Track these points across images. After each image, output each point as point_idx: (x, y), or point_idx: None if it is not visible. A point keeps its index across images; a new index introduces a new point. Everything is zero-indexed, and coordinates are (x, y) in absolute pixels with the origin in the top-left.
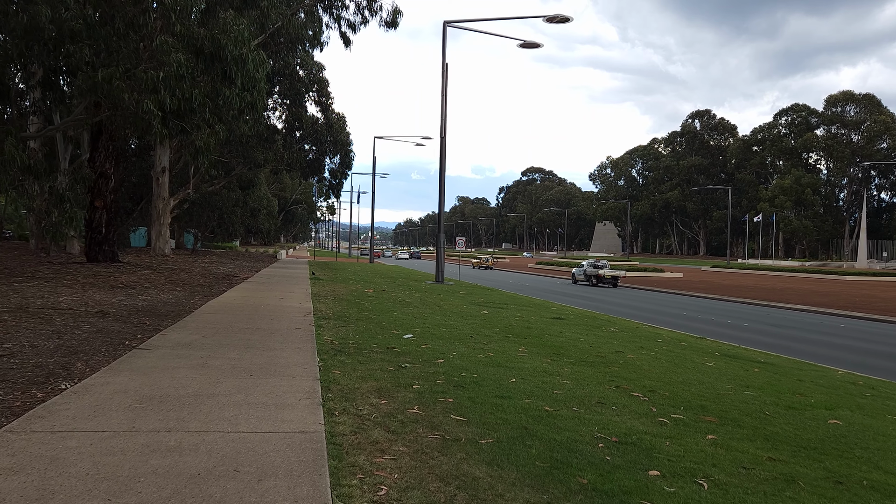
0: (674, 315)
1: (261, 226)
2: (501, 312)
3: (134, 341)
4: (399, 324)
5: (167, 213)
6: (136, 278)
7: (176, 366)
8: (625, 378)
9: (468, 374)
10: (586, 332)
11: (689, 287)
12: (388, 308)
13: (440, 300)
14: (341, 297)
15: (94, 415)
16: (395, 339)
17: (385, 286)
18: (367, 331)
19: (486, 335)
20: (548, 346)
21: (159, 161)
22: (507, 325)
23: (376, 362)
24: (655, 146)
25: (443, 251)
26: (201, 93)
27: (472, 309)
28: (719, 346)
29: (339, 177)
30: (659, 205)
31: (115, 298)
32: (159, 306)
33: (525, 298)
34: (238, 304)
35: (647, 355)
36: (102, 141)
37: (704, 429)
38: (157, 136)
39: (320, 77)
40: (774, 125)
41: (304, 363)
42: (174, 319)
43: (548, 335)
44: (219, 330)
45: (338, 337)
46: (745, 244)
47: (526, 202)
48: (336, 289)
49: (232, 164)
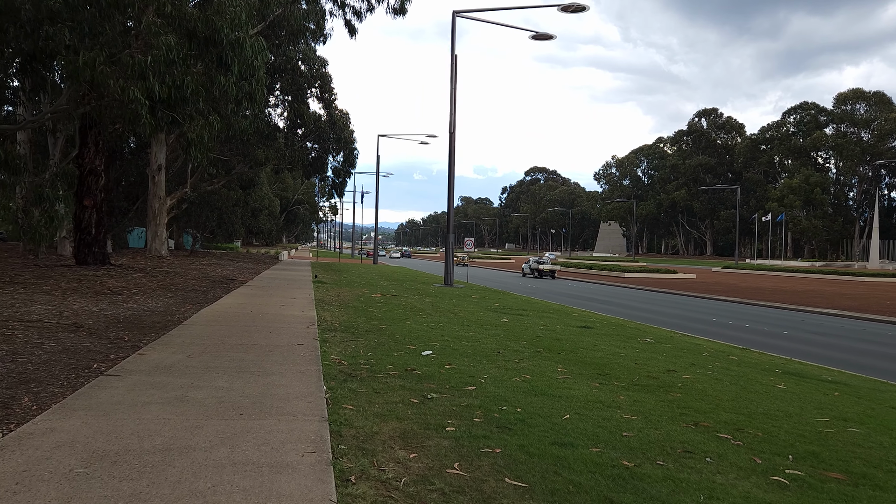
0: (703, 321)
1: (262, 226)
2: (522, 320)
3: (104, 364)
4: (414, 336)
5: (163, 213)
6: (126, 283)
7: (148, 401)
8: (696, 410)
9: (509, 406)
10: (622, 343)
11: (706, 289)
12: (400, 316)
13: (453, 306)
14: (347, 303)
15: (14, 492)
16: (413, 357)
17: (393, 290)
18: (380, 346)
19: (515, 350)
20: (587, 363)
21: (155, 158)
22: (533, 336)
23: (395, 390)
24: (661, 145)
25: (452, 252)
26: (194, 80)
27: (489, 316)
28: (771, 360)
29: (342, 175)
30: (665, 204)
31: (97, 307)
32: (145, 316)
33: (542, 303)
34: (234, 313)
35: (704, 376)
36: (92, 135)
37: (840, 495)
38: (145, 128)
39: (323, 73)
40: (783, 123)
41: (308, 394)
42: (159, 333)
43: (582, 349)
44: (208, 347)
45: (347, 355)
46: (755, 244)
47: (529, 202)
48: (341, 293)
49: (232, 162)
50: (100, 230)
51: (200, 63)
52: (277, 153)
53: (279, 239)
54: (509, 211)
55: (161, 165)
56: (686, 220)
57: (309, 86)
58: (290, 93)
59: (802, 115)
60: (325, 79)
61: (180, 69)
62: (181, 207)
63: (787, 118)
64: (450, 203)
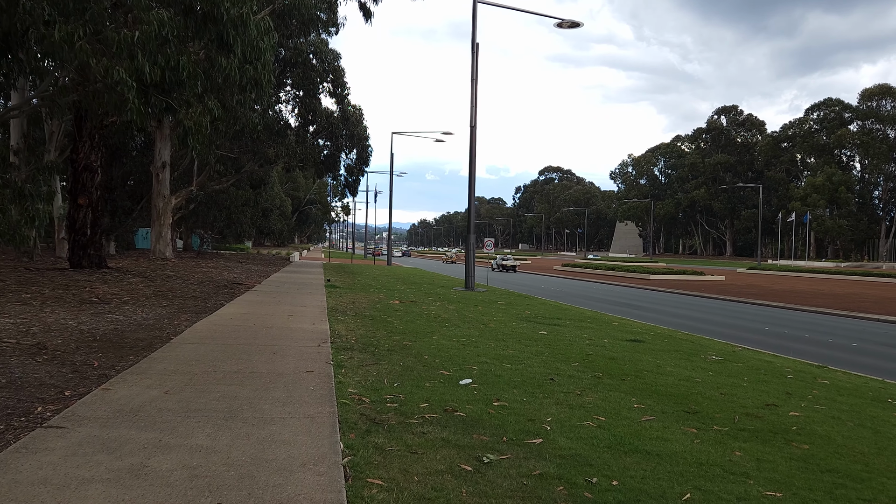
0: (754, 330)
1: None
2: (562, 332)
3: (53, 406)
4: (446, 356)
5: (168, 213)
6: (119, 289)
7: (88, 477)
8: (846, 475)
9: (599, 476)
10: (686, 363)
11: (741, 293)
12: (424, 328)
13: (480, 314)
14: (363, 311)
15: None
16: (450, 389)
17: (411, 295)
18: (407, 372)
19: (569, 375)
20: (663, 394)
21: (159, 155)
22: (582, 353)
23: (437, 448)
24: (678, 144)
25: (473, 253)
26: (190, 62)
27: (524, 328)
28: (867, 384)
29: (355, 173)
30: (684, 204)
31: (75, 320)
32: (128, 332)
33: (574, 310)
34: (234, 327)
35: (815, 412)
36: (87, 128)
37: None
38: (133, 114)
39: (336, 66)
40: (805, 121)
41: (319, 458)
42: (138, 356)
43: (646, 372)
44: (194, 377)
45: (368, 386)
46: (778, 244)
47: (543, 202)
48: (356, 300)
49: (242, 161)
50: (95, 231)
51: (198, 42)
52: (288, 150)
53: (291, 239)
54: (523, 211)
55: (165, 162)
56: (705, 219)
57: (321, 80)
58: (301, 88)
59: (826, 111)
60: (338, 73)
61: (175, 48)
62: (188, 207)
63: (809, 115)
64: (471, 201)
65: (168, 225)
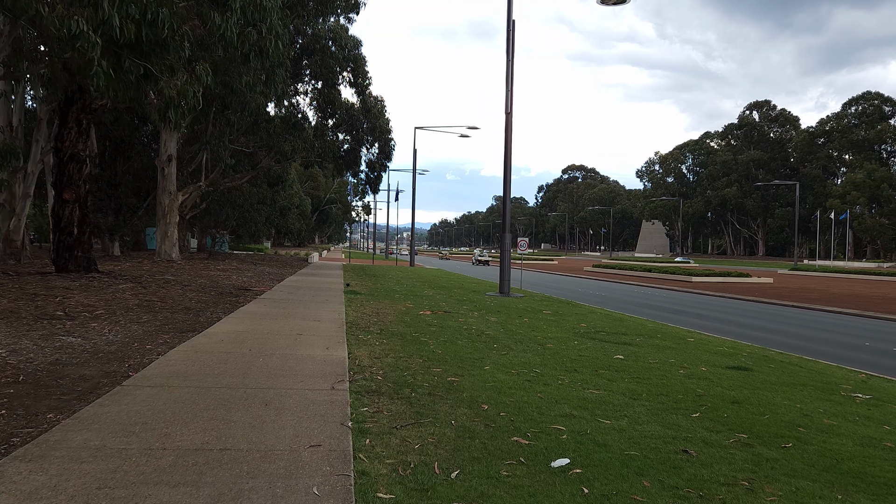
0: (850, 346)
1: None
2: (640, 354)
3: None
4: (512, 404)
5: (174, 211)
6: (98, 299)
7: None
8: None
9: None
10: (830, 405)
11: (798, 297)
12: (470, 352)
13: (530, 329)
14: (390, 326)
15: None
16: (542, 479)
17: (442, 302)
18: (465, 441)
19: (704, 440)
20: (870, 481)
21: (165, 147)
22: (689, 393)
23: None
24: (707, 141)
25: (509, 254)
26: (174, 14)
27: (590, 349)
28: None
29: (377, 169)
30: (714, 202)
31: (18, 344)
32: (74, 364)
33: (634, 321)
34: (222, 354)
35: None
36: (73, 113)
37: None
38: (99, 81)
39: (356, 54)
40: (843, 115)
41: None
42: (60, 412)
43: (800, 428)
44: (121, 467)
45: (409, 479)
46: (817, 244)
47: (567, 201)
48: (380, 309)
49: (258, 156)
50: (84, 230)
51: None
52: (306, 144)
53: (311, 239)
54: (545, 210)
55: (171, 156)
56: (736, 218)
57: (341, 69)
58: (319, 77)
59: (865, 105)
60: (359, 61)
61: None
62: (200, 206)
63: (847, 109)
64: (506, 195)
65: (175, 224)
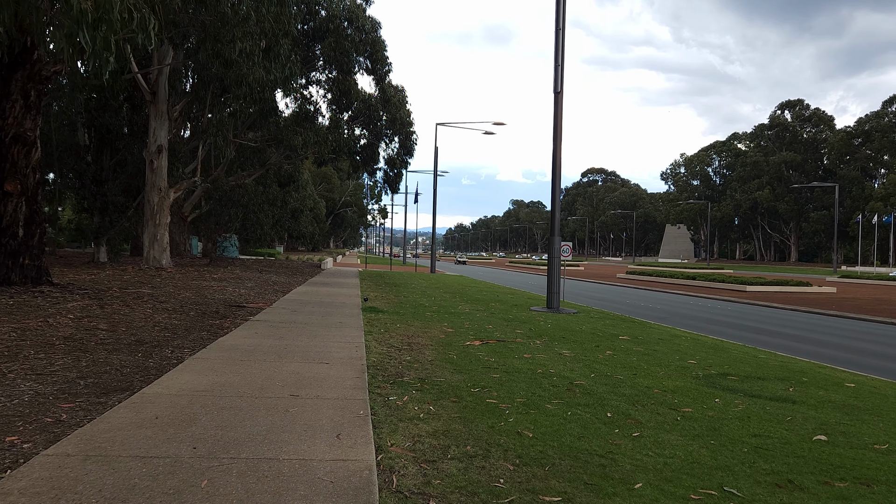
0: None
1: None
2: (819, 421)
3: None
4: None
5: (165, 210)
6: (17, 326)
7: None
8: None
9: None
10: None
11: (883, 311)
12: (580, 436)
13: (632, 373)
14: (434, 373)
15: None
16: None
17: (487, 323)
18: None
19: None
20: None
21: (154, 136)
22: None
23: None
24: (734, 142)
25: (559, 260)
26: None
27: (749, 414)
28: None
29: (397, 166)
30: (745, 205)
31: None
32: None
33: (742, 352)
34: (133, 461)
35: None
36: (18, 80)
37: None
38: None
39: (375, 38)
40: (882, 114)
41: None
42: None
43: None
44: None
45: None
46: (858, 249)
47: (586, 205)
48: (412, 338)
49: (267, 153)
50: (32, 231)
51: None
52: (318, 137)
53: (326, 243)
54: (565, 214)
55: (162, 146)
56: (767, 222)
57: (357, 54)
58: (333, 63)
59: None
60: (377, 45)
61: None
62: (203, 208)
63: (887, 108)
64: (555, 187)
65: (165, 225)
